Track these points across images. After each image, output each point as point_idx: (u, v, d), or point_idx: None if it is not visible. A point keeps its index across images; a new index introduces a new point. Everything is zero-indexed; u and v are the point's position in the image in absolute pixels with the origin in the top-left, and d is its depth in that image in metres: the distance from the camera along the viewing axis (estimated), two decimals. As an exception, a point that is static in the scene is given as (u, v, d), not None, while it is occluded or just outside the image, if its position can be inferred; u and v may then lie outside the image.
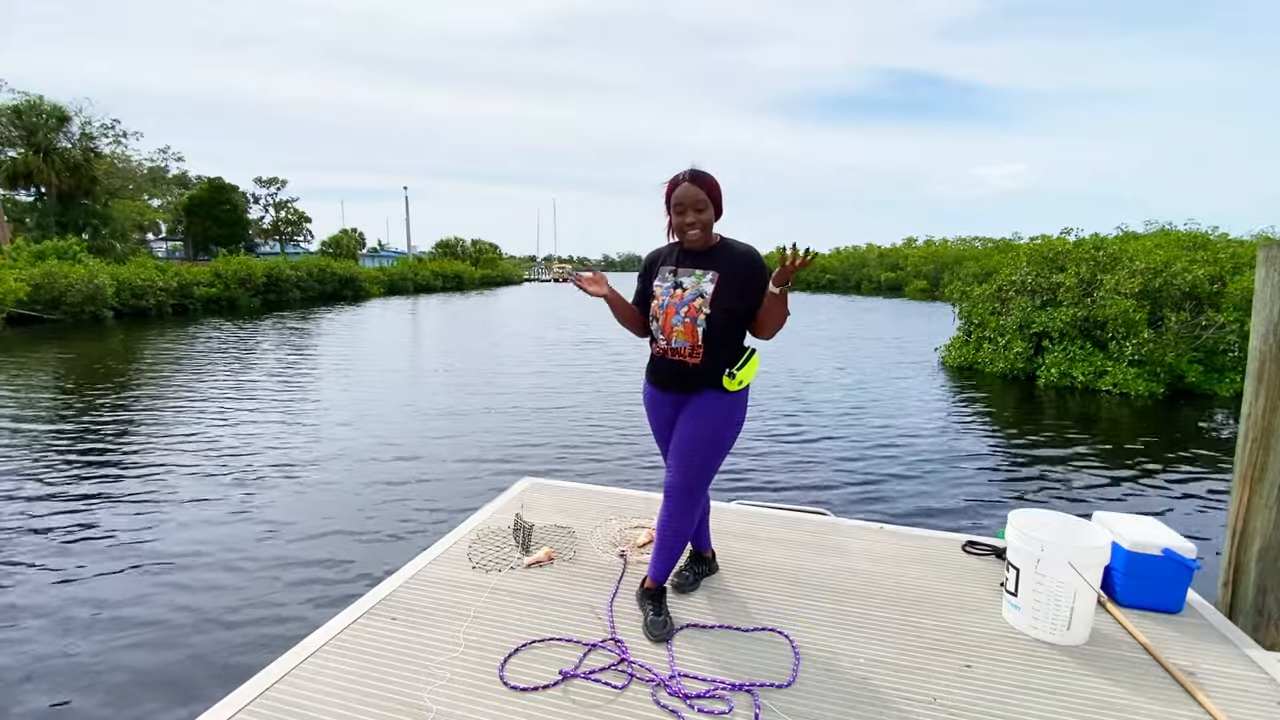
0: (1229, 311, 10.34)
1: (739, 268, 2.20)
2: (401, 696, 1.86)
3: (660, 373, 2.30)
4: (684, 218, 2.17)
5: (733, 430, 2.27)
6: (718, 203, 2.20)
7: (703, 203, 2.16)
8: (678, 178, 2.18)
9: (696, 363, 2.21)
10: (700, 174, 2.17)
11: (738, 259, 2.21)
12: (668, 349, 2.25)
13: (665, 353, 2.26)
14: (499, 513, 3.20)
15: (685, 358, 2.22)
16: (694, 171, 2.17)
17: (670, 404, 2.33)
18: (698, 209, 2.16)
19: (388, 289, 39.80)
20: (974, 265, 23.75)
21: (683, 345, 2.21)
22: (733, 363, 2.21)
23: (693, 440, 2.22)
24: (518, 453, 6.66)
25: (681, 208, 2.17)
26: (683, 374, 2.24)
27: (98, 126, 31.78)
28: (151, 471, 5.84)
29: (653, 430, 2.46)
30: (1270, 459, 2.40)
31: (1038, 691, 1.95)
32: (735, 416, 2.27)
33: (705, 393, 2.23)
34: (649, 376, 2.39)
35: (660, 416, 2.38)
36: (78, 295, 19.74)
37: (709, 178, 2.17)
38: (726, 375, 2.18)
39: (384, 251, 66.99)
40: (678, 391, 2.28)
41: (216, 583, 3.84)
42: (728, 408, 2.23)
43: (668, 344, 2.24)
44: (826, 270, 55.75)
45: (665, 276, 2.28)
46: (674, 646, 2.14)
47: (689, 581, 2.53)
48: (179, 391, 9.51)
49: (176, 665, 3.06)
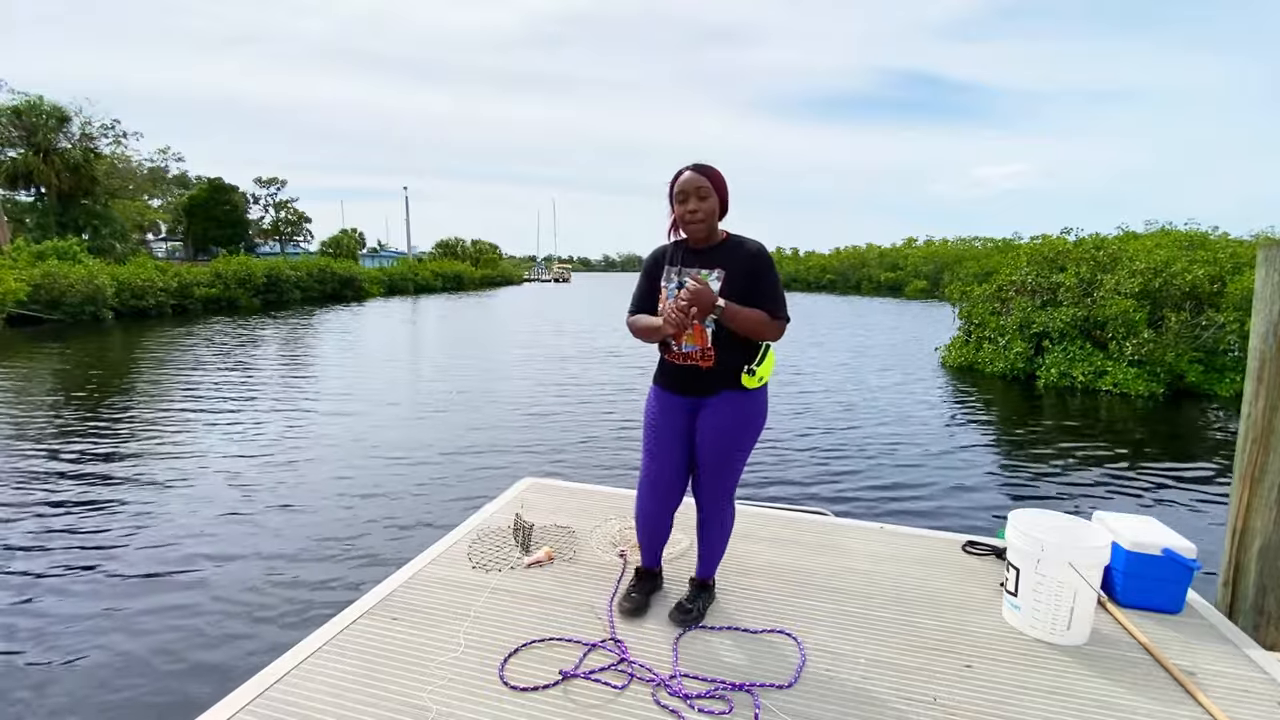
0: (1229, 311, 10.33)
1: (744, 264, 2.12)
2: (401, 696, 1.86)
3: (675, 378, 2.23)
4: (685, 205, 2.11)
5: (753, 431, 2.21)
6: (722, 194, 2.14)
7: (705, 190, 2.10)
8: (682, 170, 2.14)
9: (709, 365, 2.15)
10: (704, 165, 2.13)
11: (743, 255, 2.13)
12: (679, 353, 2.19)
13: (677, 357, 2.19)
14: (499, 513, 3.20)
15: (697, 361, 2.16)
16: (698, 164, 2.13)
17: (685, 409, 2.23)
18: (700, 196, 2.10)
19: (388, 289, 39.80)
20: (974, 265, 23.77)
21: (693, 349, 2.15)
22: (750, 360, 2.14)
23: (723, 440, 2.18)
24: (518, 453, 6.66)
25: (684, 195, 2.11)
26: (697, 378, 2.18)
27: (98, 127, 31.81)
28: (151, 471, 5.83)
29: (651, 431, 2.28)
30: (1270, 459, 2.40)
31: (1038, 691, 1.95)
32: (756, 415, 2.20)
33: (722, 394, 2.17)
34: (662, 382, 2.29)
35: (673, 421, 2.24)
36: (78, 295, 19.75)
37: (713, 169, 2.13)
38: (746, 372, 2.12)
39: (384, 252, 66.97)
40: (694, 396, 2.20)
41: (214, 582, 3.84)
42: (748, 407, 2.17)
43: (678, 348, 2.18)
44: (827, 270, 55.78)
45: (670, 277, 2.20)
46: (674, 646, 2.14)
47: (692, 616, 2.31)
48: (178, 391, 9.50)
49: (176, 665, 3.06)
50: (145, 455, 6.32)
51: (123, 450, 6.47)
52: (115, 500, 5.13)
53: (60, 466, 5.92)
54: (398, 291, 40.66)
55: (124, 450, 6.47)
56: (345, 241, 52.95)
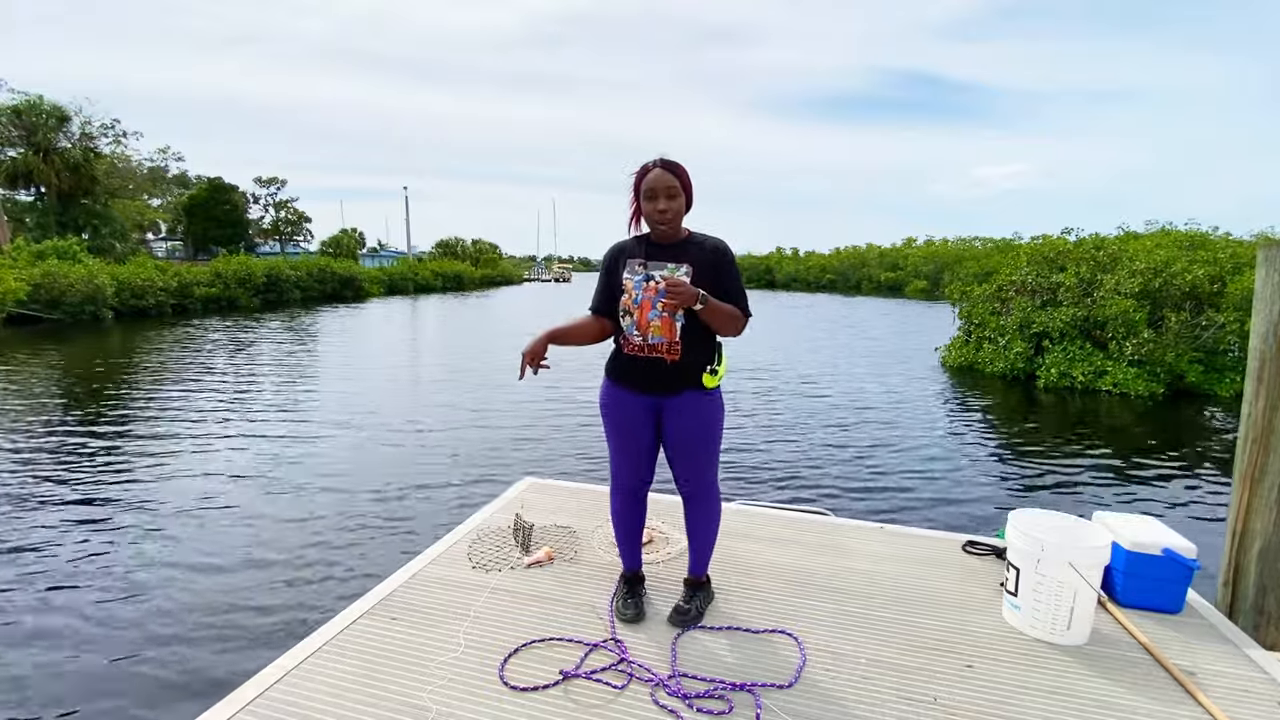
0: (1229, 311, 10.34)
1: (710, 260, 2.14)
2: (401, 696, 1.86)
3: (634, 373, 2.19)
4: (655, 204, 2.10)
5: (719, 424, 2.25)
6: (689, 192, 2.14)
7: (675, 189, 2.09)
8: (647, 165, 2.12)
9: (675, 359, 2.14)
10: (671, 162, 2.12)
11: (708, 251, 2.16)
12: (644, 345, 2.15)
13: (641, 350, 2.16)
14: (499, 513, 3.20)
15: (663, 354, 2.15)
16: (664, 160, 2.12)
17: (645, 408, 2.21)
18: (670, 195, 2.09)
19: (388, 289, 39.77)
20: (974, 265, 23.76)
21: (660, 341, 2.14)
22: (709, 359, 2.17)
23: (694, 443, 2.20)
24: (518, 453, 6.66)
25: (653, 193, 2.09)
26: (660, 372, 2.16)
27: (97, 126, 31.79)
28: (151, 470, 5.84)
29: (615, 433, 2.28)
30: (1270, 459, 2.40)
31: (1038, 691, 1.95)
32: (719, 410, 2.24)
33: (685, 394, 2.17)
34: (617, 378, 2.25)
35: (631, 419, 2.23)
36: (77, 295, 19.73)
37: (680, 166, 2.12)
38: (709, 372, 2.15)
39: (384, 251, 66.92)
40: (656, 394, 2.19)
41: (214, 582, 3.84)
42: (711, 406, 2.20)
43: (644, 340, 2.15)
44: (826, 270, 55.77)
45: (635, 270, 2.17)
46: (674, 646, 2.14)
47: (691, 616, 2.31)
48: (179, 391, 9.50)
49: (176, 665, 3.06)
50: (144, 454, 6.32)
51: (122, 450, 6.46)
52: (114, 500, 5.13)
53: (61, 466, 5.92)
54: (397, 291, 40.64)
55: (124, 450, 6.47)
56: (345, 241, 52.92)
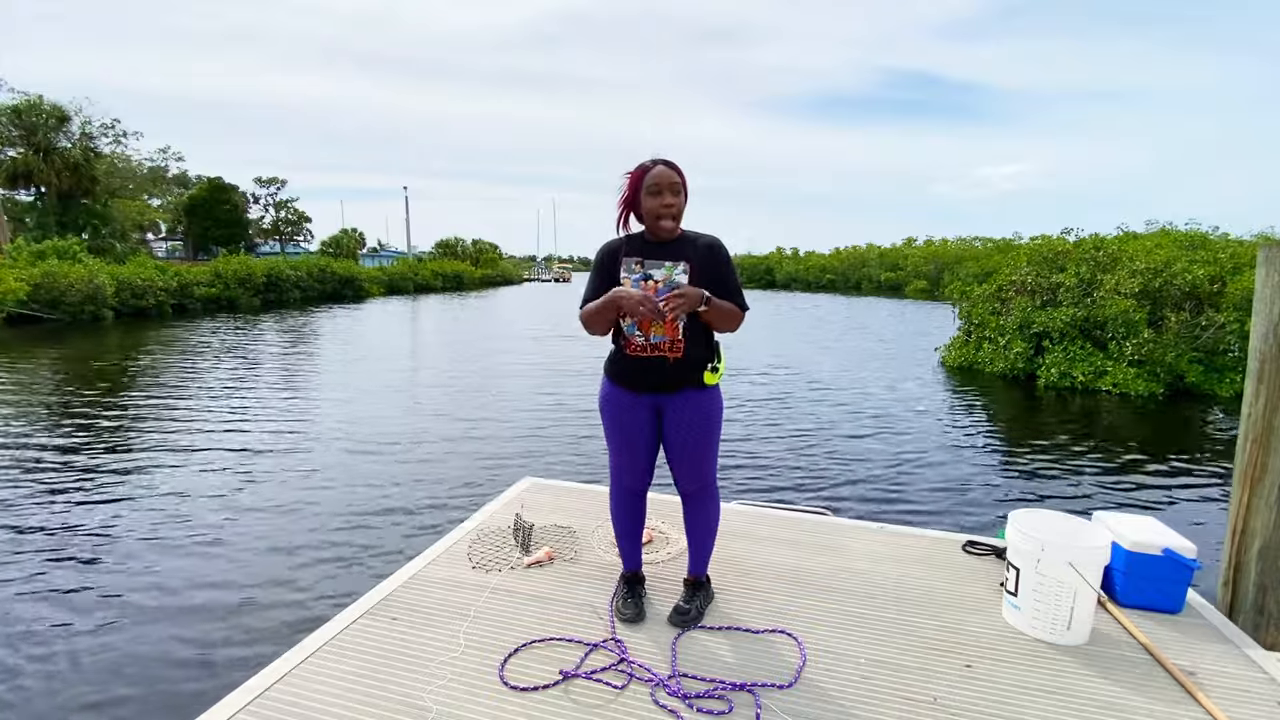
0: (1229, 311, 10.33)
1: (707, 257, 2.16)
2: (401, 696, 1.86)
3: (636, 373, 2.19)
4: (661, 199, 2.10)
5: (718, 421, 2.26)
6: (686, 190, 2.17)
7: (678, 186, 2.11)
8: (646, 164, 2.13)
9: (677, 357, 2.15)
10: (671, 161, 2.13)
11: (704, 249, 2.17)
12: (646, 345, 2.15)
13: (644, 349, 2.16)
14: (499, 513, 3.20)
15: (665, 353, 2.15)
16: (665, 159, 2.13)
17: (646, 407, 2.22)
18: (674, 191, 2.10)
19: (388, 289, 39.77)
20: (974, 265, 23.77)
21: (662, 340, 2.14)
22: (709, 357, 2.18)
23: (694, 441, 2.20)
24: (518, 453, 6.66)
25: (658, 189, 2.10)
26: (663, 371, 2.16)
27: (97, 126, 31.84)
28: (150, 470, 5.84)
29: (615, 433, 2.28)
30: (1270, 459, 2.39)
31: (1038, 691, 1.95)
32: (718, 407, 2.25)
33: (684, 391, 2.18)
34: (618, 378, 2.24)
35: (631, 419, 2.23)
36: (77, 295, 19.74)
37: (678, 165, 2.14)
38: (710, 370, 2.16)
39: (384, 251, 66.91)
40: (657, 392, 2.19)
41: (213, 582, 3.84)
42: (711, 403, 2.21)
43: (646, 339, 2.16)
44: (827, 270, 55.76)
45: (631, 268, 2.17)
46: (674, 646, 2.14)
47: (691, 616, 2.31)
48: (179, 390, 9.50)
49: (176, 665, 3.07)
50: (144, 453, 6.32)
51: (122, 449, 6.47)
52: (114, 499, 5.13)
53: (60, 466, 5.92)
54: (397, 291, 40.63)
55: (123, 449, 6.47)
56: (345, 241, 52.94)
